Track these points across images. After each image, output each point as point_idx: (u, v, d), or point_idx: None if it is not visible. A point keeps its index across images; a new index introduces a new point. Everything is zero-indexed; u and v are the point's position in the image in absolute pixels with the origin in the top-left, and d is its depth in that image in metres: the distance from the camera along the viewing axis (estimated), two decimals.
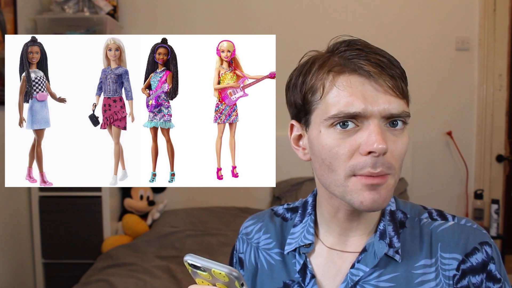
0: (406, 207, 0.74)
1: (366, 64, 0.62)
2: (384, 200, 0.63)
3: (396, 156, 0.63)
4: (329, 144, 0.63)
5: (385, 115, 0.62)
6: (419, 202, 0.81)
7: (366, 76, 0.61)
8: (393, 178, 0.64)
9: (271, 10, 2.75)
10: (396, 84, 0.62)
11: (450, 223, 0.70)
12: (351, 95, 0.61)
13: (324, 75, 0.64)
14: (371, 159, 0.61)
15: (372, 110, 0.61)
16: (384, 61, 0.62)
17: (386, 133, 0.62)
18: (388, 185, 0.63)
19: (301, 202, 0.81)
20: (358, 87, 0.61)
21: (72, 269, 2.34)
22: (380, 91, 0.61)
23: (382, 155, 0.61)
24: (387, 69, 0.62)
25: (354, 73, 0.62)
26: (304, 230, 0.74)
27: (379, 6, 2.75)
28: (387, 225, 0.70)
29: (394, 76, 0.62)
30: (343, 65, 0.63)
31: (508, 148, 2.80)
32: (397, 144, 0.63)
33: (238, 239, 0.84)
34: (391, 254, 0.67)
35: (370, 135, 0.61)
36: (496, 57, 2.75)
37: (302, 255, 0.72)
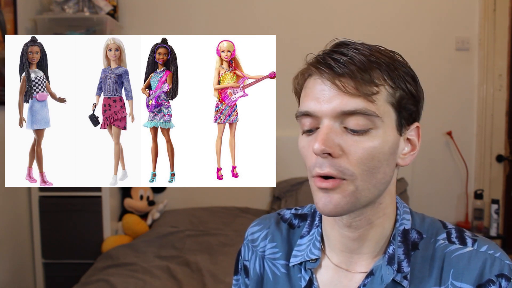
0: (423, 226, 0.69)
1: (325, 64, 0.61)
2: (336, 205, 0.60)
3: (354, 161, 0.59)
4: (299, 144, 0.65)
5: (335, 114, 0.60)
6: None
7: (324, 78, 0.61)
8: (352, 184, 0.60)
9: (271, 10, 2.75)
10: (349, 83, 0.59)
11: (468, 249, 0.64)
12: (306, 96, 0.63)
13: (297, 79, 0.67)
14: (319, 159, 0.60)
15: (321, 110, 0.60)
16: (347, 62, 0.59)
17: (342, 135, 0.60)
18: (344, 191, 0.60)
19: (310, 210, 0.78)
20: (316, 88, 0.62)
21: (72, 269, 2.34)
22: (334, 91, 0.60)
23: (331, 156, 0.59)
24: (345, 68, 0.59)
25: (315, 75, 0.63)
26: (311, 243, 0.72)
27: (379, 6, 2.75)
28: (397, 247, 0.65)
29: (351, 76, 0.59)
30: (312, 67, 0.63)
31: (508, 148, 2.80)
32: (356, 147, 0.59)
33: (244, 245, 0.82)
34: (399, 279, 0.64)
35: (316, 135, 0.60)
36: (496, 57, 2.75)
37: (308, 270, 0.70)
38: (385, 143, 0.60)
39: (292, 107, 2.04)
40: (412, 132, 0.65)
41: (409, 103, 0.63)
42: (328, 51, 0.63)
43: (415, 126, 0.65)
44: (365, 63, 0.60)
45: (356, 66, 0.59)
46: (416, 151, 0.66)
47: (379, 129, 0.60)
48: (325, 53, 0.63)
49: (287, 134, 2.47)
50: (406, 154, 0.65)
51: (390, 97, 0.61)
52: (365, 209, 0.64)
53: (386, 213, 0.67)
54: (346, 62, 0.59)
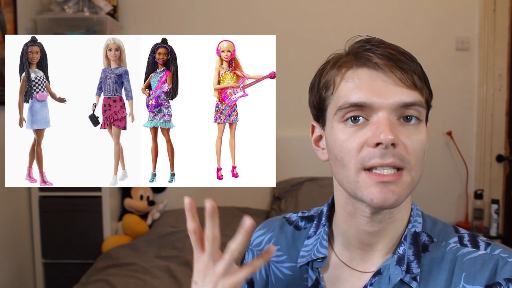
0: (434, 230, 0.68)
1: (376, 57, 0.61)
2: (398, 198, 0.59)
3: (411, 151, 0.60)
4: (340, 138, 0.62)
5: (395, 107, 0.59)
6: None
7: (375, 69, 0.60)
8: (409, 175, 0.60)
9: (271, 10, 2.75)
10: (408, 77, 0.60)
11: (480, 253, 0.63)
12: (357, 87, 0.61)
13: (335, 71, 0.64)
14: (379, 150, 0.58)
15: (380, 102, 0.59)
16: (395, 55, 0.61)
17: (397, 127, 0.60)
18: (403, 183, 0.59)
19: (317, 211, 0.78)
20: (366, 79, 0.61)
21: (72, 269, 2.34)
22: (389, 83, 0.60)
23: (393, 147, 0.58)
24: (398, 62, 0.60)
25: (363, 67, 0.61)
26: (317, 242, 0.71)
27: (379, 6, 2.75)
28: (407, 248, 0.65)
29: (404, 69, 0.60)
30: (353, 60, 0.62)
31: (508, 148, 2.80)
32: (411, 138, 0.60)
33: (248, 251, 0.81)
34: (407, 280, 0.63)
35: (378, 126, 0.59)
36: (496, 57, 2.75)
37: (315, 270, 0.69)
38: (426, 137, 0.63)
39: (292, 107, 2.06)
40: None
41: (430, 101, 0.65)
42: (364, 46, 0.63)
43: (428, 125, 0.67)
44: (412, 57, 0.62)
45: (406, 58, 0.61)
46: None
47: (423, 123, 0.63)
48: (362, 47, 0.63)
49: (287, 134, 2.47)
50: None
51: (426, 95, 0.64)
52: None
53: (406, 208, 0.67)
54: (396, 53, 0.61)
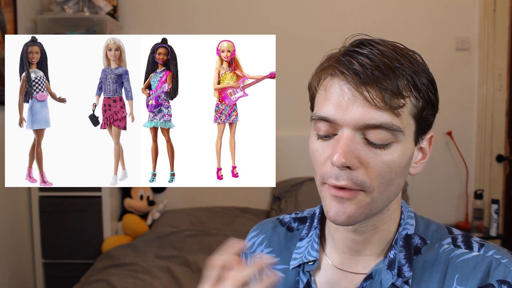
0: (427, 232, 0.67)
1: (352, 69, 0.56)
2: (349, 217, 0.58)
3: (373, 174, 0.57)
4: (312, 147, 0.62)
5: (359, 126, 0.56)
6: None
7: (348, 82, 0.57)
8: (369, 196, 0.58)
9: (271, 10, 2.75)
10: (377, 95, 0.55)
11: (474, 254, 0.62)
12: (327, 99, 0.59)
13: (317, 76, 0.62)
14: (335, 170, 0.57)
15: (343, 120, 0.56)
16: (373, 69, 0.55)
17: (360, 146, 0.57)
18: (359, 202, 0.58)
19: (309, 213, 0.77)
20: (337, 92, 0.57)
21: (72, 269, 2.34)
22: (356, 101, 0.56)
23: (349, 169, 0.56)
24: (371, 77, 0.55)
25: (337, 77, 0.58)
26: (309, 245, 0.70)
27: (379, 6, 2.75)
28: (398, 252, 0.64)
29: (377, 87, 0.55)
30: (334, 66, 0.59)
31: (508, 148, 2.80)
32: (375, 161, 0.57)
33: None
34: (399, 284, 0.62)
35: (336, 145, 0.57)
36: (496, 57, 2.75)
37: (306, 273, 0.69)
38: (403, 156, 0.58)
39: (292, 107, 2.07)
40: (425, 141, 0.64)
41: (429, 113, 0.61)
42: (351, 51, 0.58)
43: (430, 136, 0.64)
44: (392, 69, 0.56)
45: (383, 74, 0.55)
46: (427, 159, 0.64)
47: (400, 143, 0.58)
48: (347, 52, 0.59)
49: (287, 134, 2.47)
50: (417, 162, 0.64)
51: (414, 109, 0.58)
52: (373, 216, 0.63)
53: (392, 218, 0.66)
54: (372, 67, 0.55)
